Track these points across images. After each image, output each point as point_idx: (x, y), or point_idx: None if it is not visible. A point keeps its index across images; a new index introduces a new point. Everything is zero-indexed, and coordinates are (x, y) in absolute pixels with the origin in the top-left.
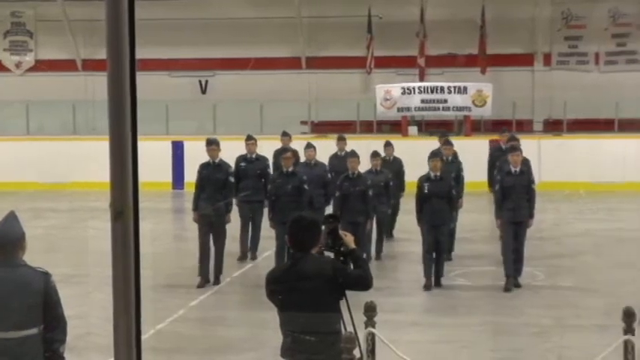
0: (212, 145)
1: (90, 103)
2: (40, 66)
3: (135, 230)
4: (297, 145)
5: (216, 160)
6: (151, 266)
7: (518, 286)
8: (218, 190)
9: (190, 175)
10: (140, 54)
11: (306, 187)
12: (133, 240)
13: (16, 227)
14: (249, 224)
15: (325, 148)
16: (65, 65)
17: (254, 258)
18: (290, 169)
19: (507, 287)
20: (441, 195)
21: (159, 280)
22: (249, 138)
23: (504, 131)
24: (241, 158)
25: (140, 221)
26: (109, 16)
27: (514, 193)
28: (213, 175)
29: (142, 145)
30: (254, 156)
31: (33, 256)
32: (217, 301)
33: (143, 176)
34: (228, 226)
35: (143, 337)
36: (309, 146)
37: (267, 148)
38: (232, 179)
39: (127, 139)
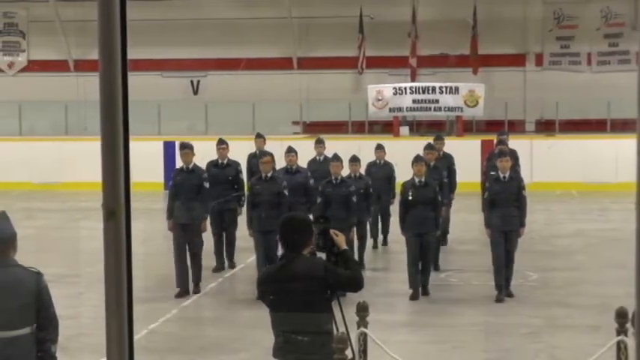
0: (185, 149)
1: (82, 104)
2: (33, 66)
3: (127, 230)
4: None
5: (190, 165)
6: (142, 266)
7: (510, 295)
8: (193, 196)
9: None
10: (132, 54)
11: (286, 192)
12: (124, 240)
13: (7, 227)
14: (222, 233)
15: None
16: (57, 66)
17: (232, 267)
18: (269, 174)
19: (499, 298)
20: (426, 201)
21: (151, 280)
22: (220, 142)
23: (502, 134)
24: (212, 164)
25: (132, 221)
26: (101, 16)
27: (503, 201)
28: (187, 181)
29: (133, 145)
30: (225, 161)
31: (24, 256)
32: (210, 301)
33: (135, 176)
34: (204, 235)
35: (135, 337)
36: (290, 150)
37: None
38: (207, 184)
39: (119, 139)
